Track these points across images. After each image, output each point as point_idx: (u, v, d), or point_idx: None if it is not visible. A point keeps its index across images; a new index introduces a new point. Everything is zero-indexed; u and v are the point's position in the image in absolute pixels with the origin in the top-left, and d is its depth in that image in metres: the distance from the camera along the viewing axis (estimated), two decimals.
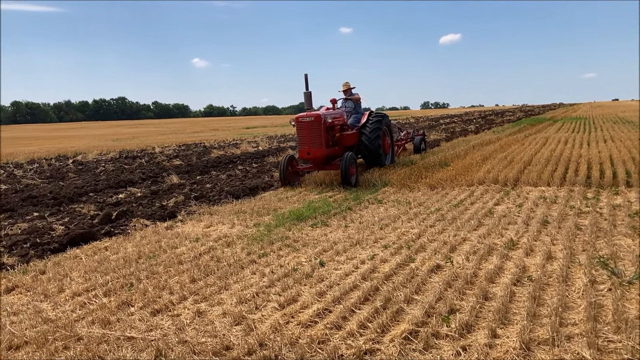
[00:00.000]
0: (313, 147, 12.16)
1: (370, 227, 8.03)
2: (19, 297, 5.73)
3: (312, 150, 12.18)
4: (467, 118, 52.53)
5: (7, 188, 14.58)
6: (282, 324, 4.64)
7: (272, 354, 4.05)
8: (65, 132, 62.91)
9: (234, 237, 7.78)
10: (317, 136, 12.13)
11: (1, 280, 6.18)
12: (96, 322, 4.86)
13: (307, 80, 12.61)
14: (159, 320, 4.90)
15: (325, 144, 12.24)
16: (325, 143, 12.24)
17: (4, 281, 6.16)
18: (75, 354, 4.22)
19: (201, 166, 18.14)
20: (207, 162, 19.38)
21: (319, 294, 5.30)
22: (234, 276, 6.03)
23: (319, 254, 6.74)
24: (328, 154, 12.52)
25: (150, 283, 5.86)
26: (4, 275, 6.35)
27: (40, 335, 4.58)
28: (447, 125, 39.94)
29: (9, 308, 5.35)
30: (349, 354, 4.03)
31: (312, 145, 12.15)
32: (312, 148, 12.16)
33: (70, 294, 5.65)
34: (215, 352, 4.13)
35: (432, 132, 30.03)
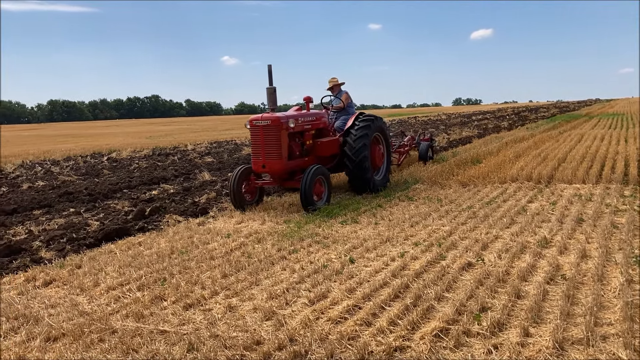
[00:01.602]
0: (269, 158, 9.44)
1: (401, 224, 8.00)
2: (56, 290, 5.88)
3: (269, 163, 9.45)
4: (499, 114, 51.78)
5: (44, 184, 14.97)
6: (312, 319, 4.66)
7: (302, 349, 4.07)
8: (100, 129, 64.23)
9: (265, 234, 7.84)
10: (275, 144, 9.40)
11: (39, 274, 6.35)
12: (130, 315, 4.96)
13: (271, 72, 9.65)
14: (191, 314, 4.97)
15: (285, 155, 9.55)
16: (286, 153, 9.54)
17: (41, 274, 6.33)
18: (110, 346, 4.32)
19: (232, 163, 18.31)
20: (238, 159, 19.56)
21: (349, 290, 5.30)
22: (264, 272, 6.08)
23: (349, 251, 6.74)
24: (291, 167, 9.79)
25: (182, 278, 5.96)
26: (42, 269, 6.53)
27: (77, 327, 4.70)
28: (479, 121, 39.45)
29: (47, 301, 5.50)
30: (378, 351, 4.02)
31: (268, 155, 9.43)
32: (269, 159, 9.45)
33: (105, 288, 5.77)
34: (246, 346, 4.18)
35: (464, 129, 29.69)
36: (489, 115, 50.15)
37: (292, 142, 9.85)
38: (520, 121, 36.94)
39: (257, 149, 9.58)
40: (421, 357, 3.95)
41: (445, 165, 13.43)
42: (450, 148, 18.91)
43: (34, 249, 7.64)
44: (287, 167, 9.64)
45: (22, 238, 8.36)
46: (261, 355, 4.02)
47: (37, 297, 5.62)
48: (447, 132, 27.77)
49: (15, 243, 7.78)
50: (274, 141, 9.42)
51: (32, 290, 5.87)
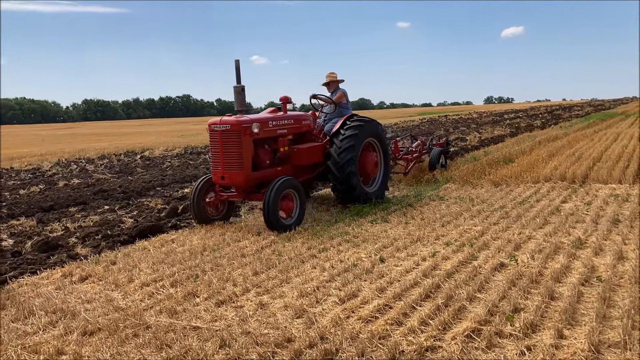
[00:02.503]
0: (229, 168, 8.15)
1: (432, 224, 7.95)
2: (91, 285, 6.02)
3: (228, 174, 8.18)
4: (532, 113, 50.92)
5: (80, 182, 15.31)
6: (343, 318, 4.67)
7: (333, 347, 4.09)
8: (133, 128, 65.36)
9: (294, 232, 7.88)
10: (235, 152, 8.09)
11: (76, 270, 6.51)
12: (164, 311, 5.05)
13: (239, 69, 8.43)
14: (223, 311, 5.03)
15: (249, 164, 8.19)
16: (249, 162, 8.20)
17: (78, 270, 6.48)
18: (144, 341, 4.40)
19: None
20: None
21: (380, 289, 5.29)
22: (294, 270, 6.11)
23: (379, 250, 6.73)
24: (258, 178, 8.47)
25: (214, 275, 6.03)
26: (78, 265, 6.68)
27: (112, 322, 4.80)
28: (511, 120, 38.87)
29: (83, 296, 5.63)
30: (409, 350, 4.01)
31: (228, 165, 8.14)
32: (228, 170, 8.16)
33: (139, 284, 5.88)
34: (277, 343, 4.21)
35: (496, 128, 29.31)
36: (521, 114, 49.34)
37: (260, 149, 8.54)
38: (553, 120, 36.27)
39: (215, 158, 8.31)
40: (453, 357, 3.92)
41: (477, 164, 13.28)
42: (482, 147, 18.68)
43: (70, 245, 7.83)
44: (252, 179, 8.31)
45: (59, 234, 8.58)
46: (292, 352, 4.05)
47: (73, 292, 5.76)
48: (479, 131, 27.45)
49: (53, 239, 7.98)
50: (234, 149, 8.09)
51: (69, 286, 6.01)
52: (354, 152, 9.06)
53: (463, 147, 19.03)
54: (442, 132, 28.96)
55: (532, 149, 16.39)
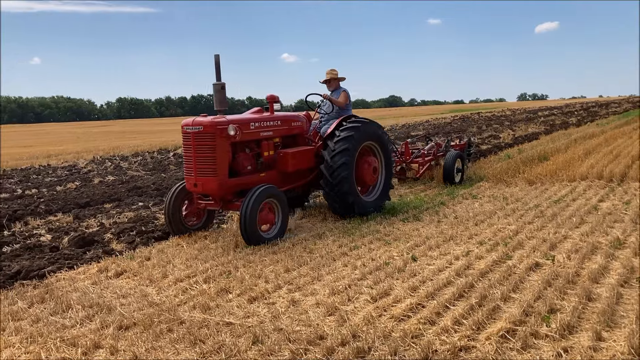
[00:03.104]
0: (202, 174, 7.39)
1: (465, 222, 7.85)
2: (127, 281, 6.12)
3: (201, 181, 7.42)
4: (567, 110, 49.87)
5: (114, 179, 15.60)
6: (375, 316, 4.65)
7: (366, 345, 4.07)
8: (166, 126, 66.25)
9: (325, 230, 7.88)
10: (209, 157, 7.33)
11: (111, 265, 6.63)
12: (197, 307, 5.10)
13: (219, 64, 7.64)
14: (256, 307, 5.07)
15: (225, 170, 7.42)
16: (225, 168, 7.42)
17: (113, 265, 6.60)
18: (178, 336, 4.46)
19: None
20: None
21: (412, 288, 5.25)
22: (326, 267, 6.11)
23: (411, 249, 6.68)
24: (236, 185, 7.67)
25: (246, 271, 6.07)
26: (114, 260, 6.81)
27: (147, 317, 4.88)
28: (545, 117, 38.13)
29: (118, 291, 5.73)
30: (443, 350, 3.97)
31: (201, 171, 7.39)
32: (201, 176, 7.41)
33: (173, 280, 5.96)
34: (310, 341, 4.22)
35: (530, 125, 28.78)
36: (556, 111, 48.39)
37: (240, 153, 7.77)
38: (589, 117, 35.47)
39: (188, 163, 7.55)
40: (487, 357, 3.87)
41: (511, 162, 13.07)
42: (515, 145, 18.38)
43: (105, 241, 7.98)
44: (228, 186, 7.52)
45: (95, 230, 8.75)
46: (324, 350, 4.05)
47: (109, 287, 5.87)
48: (512, 129, 27.02)
49: (89, 235, 8.15)
50: (208, 153, 7.32)
51: (105, 281, 6.13)
52: (349, 155, 8.22)
53: (496, 145, 18.75)
54: (474, 129, 28.60)
55: (567, 146, 16.07)
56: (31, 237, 8.47)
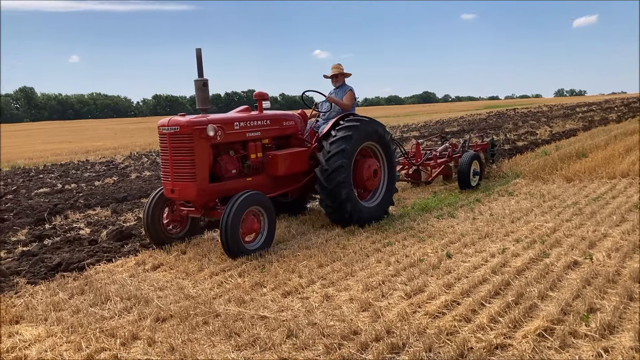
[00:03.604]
0: (179, 179, 6.75)
1: (500, 219, 7.74)
2: (163, 274, 6.23)
3: (178, 186, 6.77)
4: (607, 106, 48.58)
5: (150, 174, 15.88)
6: (409, 313, 4.63)
7: (400, 341, 4.06)
8: None
9: (357, 226, 7.86)
10: (186, 160, 6.68)
11: (148, 258, 6.76)
12: (232, 300, 5.16)
13: (201, 59, 6.97)
14: (290, 301, 5.10)
15: (205, 175, 6.78)
16: (205, 173, 6.79)
17: (150, 259, 6.72)
18: (214, 329, 4.52)
19: None
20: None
21: (447, 285, 5.21)
22: (359, 263, 6.11)
23: (446, 246, 6.62)
24: (219, 191, 7.03)
25: (280, 266, 6.11)
26: (151, 254, 6.93)
27: (183, 310, 4.96)
28: (584, 113, 37.24)
29: (155, 284, 5.84)
30: (478, 347, 3.93)
31: (178, 176, 6.75)
32: (178, 181, 6.76)
33: (208, 273, 6.04)
34: (344, 336, 4.22)
35: (567, 121, 28.16)
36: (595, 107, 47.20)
37: (223, 156, 7.13)
38: (630, 113, 34.45)
39: (165, 167, 6.91)
40: (524, 356, 3.81)
41: (548, 159, 12.81)
42: (552, 141, 18.00)
43: (142, 235, 8.12)
44: (209, 192, 6.87)
45: (132, 224, 8.92)
46: (359, 345, 4.05)
47: (146, 280, 5.98)
48: (549, 125, 26.48)
49: (126, 229, 8.31)
50: (185, 156, 6.67)
51: (142, 273, 6.25)
52: (346, 157, 7.51)
53: (533, 142, 18.41)
54: (510, 125, 28.12)
55: (607, 143, 15.65)
56: (71, 231, 8.69)
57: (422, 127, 33.05)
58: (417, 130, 30.52)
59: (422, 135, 25.29)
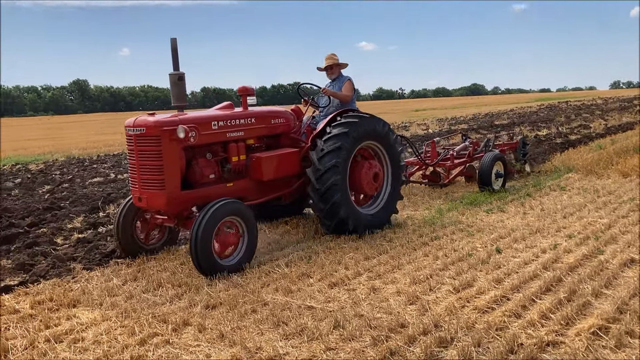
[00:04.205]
0: (146, 186, 6.02)
1: (552, 215, 7.54)
2: None
3: (146, 194, 6.03)
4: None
5: None
6: (458, 307, 4.58)
7: (448, 335, 4.02)
8: None
9: (405, 218, 7.82)
10: (154, 166, 5.93)
11: None
12: (279, 290, 5.22)
13: (176, 51, 6.33)
14: (336, 292, 5.12)
15: (176, 182, 6.00)
16: (176, 179, 6.00)
17: None
18: (262, 317, 4.59)
19: None
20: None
21: (496, 280, 5.13)
22: (406, 256, 6.07)
23: (495, 241, 6.51)
24: (191, 199, 6.24)
25: (326, 258, 6.14)
26: None
27: (232, 297, 5.05)
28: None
29: None
30: (529, 344, 3.85)
31: (145, 183, 6.02)
32: (146, 189, 6.03)
33: (255, 263, 6.12)
34: (391, 328, 4.21)
35: (624, 114, 27.13)
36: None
37: (198, 159, 6.32)
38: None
39: (132, 172, 6.20)
40: (577, 354, 3.72)
41: (603, 153, 12.39)
42: (607, 135, 17.39)
43: None
44: (181, 201, 6.10)
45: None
46: (406, 338, 4.03)
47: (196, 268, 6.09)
48: (604, 118, 25.59)
49: None
50: (153, 160, 5.92)
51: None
52: (341, 157, 6.76)
53: (586, 135, 17.85)
54: (562, 118, 27.32)
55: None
56: None
57: (471, 120, 32.49)
58: (465, 122, 30.01)
59: (471, 128, 24.87)
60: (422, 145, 13.16)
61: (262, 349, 4.00)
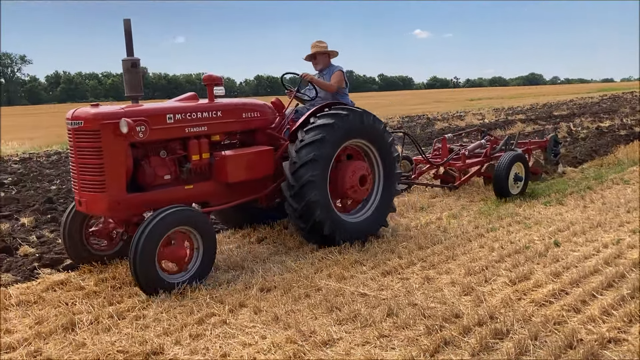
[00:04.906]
0: (87, 188, 5.24)
1: (615, 209, 7.28)
2: (267, 247, 6.45)
3: (86, 197, 5.26)
4: None
5: None
6: (514, 299, 4.50)
7: (504, 327, 3.96)
8: None
9: (459, 209, 7.72)
10: (94, 165, 5.17)
11: (253, 232, 7.02)
12: (332, 276, 5.26)
13: (130, 33, 5.70)
14: (389, 281, 5.12)
15: (120, 184, 5.23)
16: (120, 180, 5.22)
17: (255, 232, 6.98)
18: (315, 302, 4.64)
19: (425, 138, 18.22)
20: (430, 134, 19.39)
21: (554, 274, 5.01)
22: (461, 247, 6.01)
23: (553, 234, 6.35)
24: (139, 204, 5.42)
25: (379, 246, 6.14)
26: (255, 227, 7.19)
27: (286, 282, 5.13)
28: None
29: (259, 256, 6.06)
30: (589, 340, 3.75)
31: (85, 185, 5.25)
32: (86, 191, 5.25)
33: (309, 249, 6.18)
34: (445, 318, 4.19)
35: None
36: None
37: (149, 158, 5.50)
38: None
39: (72, 172, 5.44)
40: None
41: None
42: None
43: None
44: (127, 205, 5.29)
45: None
46: (460, 328, 4.00)
47: (251, 252, 6.22)
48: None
49: None
50: (92, 159, 5.16)
51: (248, 245, 6.51)
52: (322, 150, 5.90)
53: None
54: (627, 110, 26.19)
55: None
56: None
57: (528, 110, 31.61)
58: (522, 113, 29.23)
59: (529, 118, 24.19)
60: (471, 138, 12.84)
61: (316, 332, 4.05)
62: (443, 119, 27.46)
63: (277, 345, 3.87)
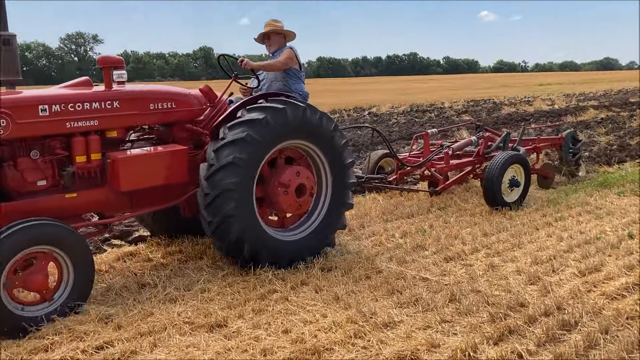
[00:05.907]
0: None
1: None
2: None
3: None
4: None
5: None
6: (583, 291, 4.36)
7: (572, 319, 3.84)
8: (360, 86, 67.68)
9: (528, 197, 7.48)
10: None
11: None
12: (393, 259, 5.24)
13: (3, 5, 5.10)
14: (452, 267, 5.05)
15: None
16: None
17: None
18: (375, 284, 4.64)
19: (491, 122, 17.73)
20: (497, 119, 18.86)
21: (627, 267, 4.80)
22: (527, 236, 5.85)
23: (627, 225, 6.07)
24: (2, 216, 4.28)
25: (442, 231, 6.06)
26: None
27: (347, 263, 5.15)
28: None
29: None
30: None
31: None
32: None
33: (369, 232, 6.17)
34: (510, 306, 4.09)
35: None
36: None
37: (17, 159, 4.43)
38: None
39: None
40: None
41: None
42: None
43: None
44: None
45: None
46: (525, 317, 3.91)
47: None
48: None
49: None
50: None
51: None
52: (246, 151, 4.76)
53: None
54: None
55: None
56: None
57: (602, 97, 30.18)
58: (595, 99, 27.93)
59: (602, 105, 23.10)
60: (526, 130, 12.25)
61: (376, 314, 4.05)
62: (510, 103, 26.61)
63: (337, 325, 3.90)
